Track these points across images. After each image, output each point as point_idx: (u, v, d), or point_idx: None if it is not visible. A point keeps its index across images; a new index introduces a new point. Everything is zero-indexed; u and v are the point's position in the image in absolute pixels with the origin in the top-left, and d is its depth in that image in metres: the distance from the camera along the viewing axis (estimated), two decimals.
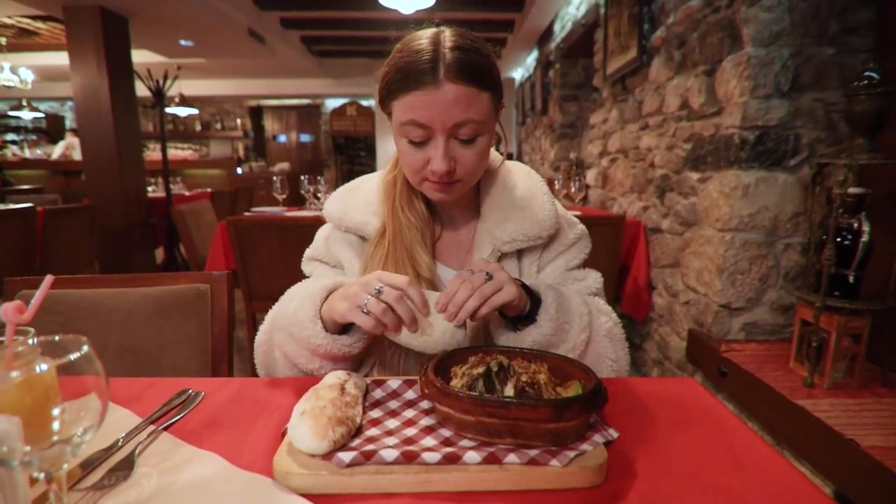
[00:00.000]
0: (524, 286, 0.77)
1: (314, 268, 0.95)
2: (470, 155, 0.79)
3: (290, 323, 0.77)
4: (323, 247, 0.94)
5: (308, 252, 0.97)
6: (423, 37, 0.77)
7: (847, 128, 1.50)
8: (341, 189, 0.96)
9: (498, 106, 0.81)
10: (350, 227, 0.90)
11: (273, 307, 0.86)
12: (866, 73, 1.38)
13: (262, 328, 0.85)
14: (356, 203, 0.91)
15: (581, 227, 0.97)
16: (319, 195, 3.34)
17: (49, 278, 0.52)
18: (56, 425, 0.41)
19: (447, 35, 0.77)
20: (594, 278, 0.94)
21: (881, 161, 1.36)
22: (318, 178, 3.43)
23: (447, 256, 0.93)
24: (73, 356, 0.41)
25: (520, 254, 0.91)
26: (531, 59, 6.26)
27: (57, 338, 0.45)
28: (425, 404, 0.66)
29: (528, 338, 0.75)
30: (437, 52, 0.74)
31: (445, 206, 0.93)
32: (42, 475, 0.41)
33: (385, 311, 0.67)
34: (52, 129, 9.62)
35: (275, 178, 3.30)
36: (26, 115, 8.44)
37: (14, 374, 0.40)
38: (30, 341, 0.46)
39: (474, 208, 0.94)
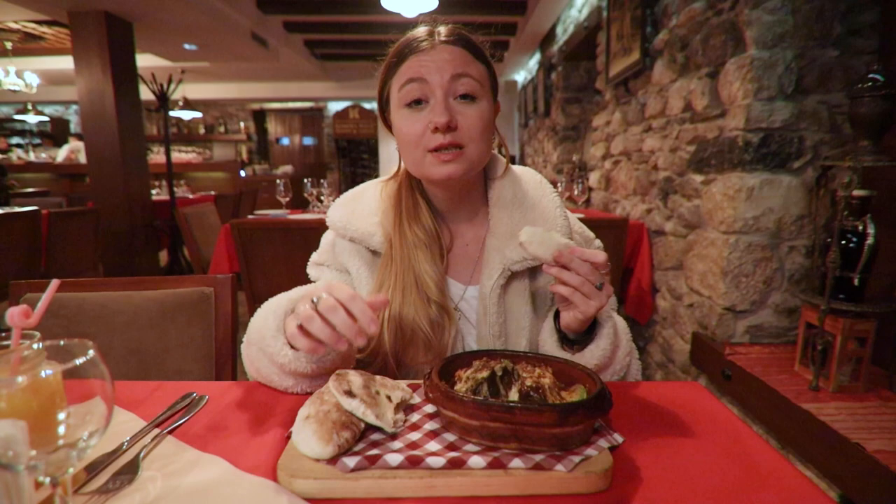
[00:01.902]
0: None
1: (321, 272, 0.92)
2: (471, 115, 0.79)
3: (259, 338, 0.73)
4: (329, 252, 0.92)
5: (314, 257, 0.95)
6: (419, 28, 0.84)
7: (851, 130, 1.49)
8: (345, 196, 0.94)
9: (494, 84, 0.85)
10: (355, 237, 0.87)
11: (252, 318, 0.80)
12: (870, 75, 1.38)
13: (245, 339, 0.80)
14: (361, 211, 0.89)
15: (598, 243, 0.95)
16: (322, 198, 3.36)
17: (55, 282, 0.52)
18: (62, 429, 0.41)
19: (441, 25, 0.84)
20: (611, 298, 0.94)
21: (886, 163, 1.36)
22: (321, 180, 3.44)
23: (456, 271, 0.90)
24: (79, 360, 0.41)
25: (531, 271, 0.86)
26: (534, 61, 6.27)
27: (62, 342, 0.45)
28: (429, 408, 0.66)
29: (592, 361, 0.76)
30: (432, 28, 0.82)
31: (453, 210, 0.91)
32: (47, 479, 0.41)
33: (318, 324, 0.59)
34: (56, 133, 9.69)
35: (278, 181, 3.32)
36: (31, 119, 8.52)
37: (20, 378, 0.40)
38: (35, 345, 0.46)
39: (482, 218, 0.92)
